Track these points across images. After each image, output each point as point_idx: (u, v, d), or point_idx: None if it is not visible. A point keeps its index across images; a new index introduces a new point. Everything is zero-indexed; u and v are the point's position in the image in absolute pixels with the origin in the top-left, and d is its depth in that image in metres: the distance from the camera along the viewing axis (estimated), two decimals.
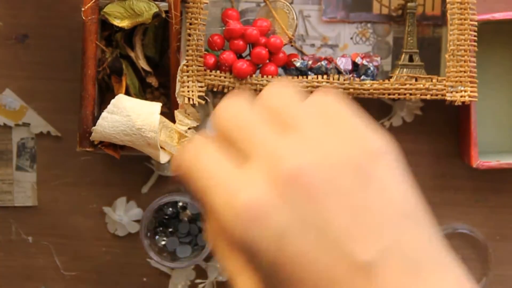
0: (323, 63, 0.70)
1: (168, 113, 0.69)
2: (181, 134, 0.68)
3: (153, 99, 0.71)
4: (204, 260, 0.76)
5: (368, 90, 0.69)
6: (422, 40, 0.72)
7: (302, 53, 0.72)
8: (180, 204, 0.72)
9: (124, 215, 0.76)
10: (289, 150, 0.32)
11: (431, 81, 0.69)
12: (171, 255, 0.73)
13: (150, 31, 0.71)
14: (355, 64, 0.70)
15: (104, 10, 0.66)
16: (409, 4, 0.71)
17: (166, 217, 0.73)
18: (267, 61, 0.70)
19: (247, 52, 0.70)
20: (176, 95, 0.68)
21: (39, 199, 0.76)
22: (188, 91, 0.68)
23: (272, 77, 0.69)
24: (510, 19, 0.70)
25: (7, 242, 0.77)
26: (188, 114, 0.68)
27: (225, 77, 0.69)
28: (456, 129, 0.76)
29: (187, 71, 0.68)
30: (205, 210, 0.35)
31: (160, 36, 0.71)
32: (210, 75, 0.69)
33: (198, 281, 0.77)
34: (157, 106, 0.66)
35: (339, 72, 0.70)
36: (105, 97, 0.71)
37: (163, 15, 0.67)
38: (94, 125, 0.65)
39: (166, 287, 0.78)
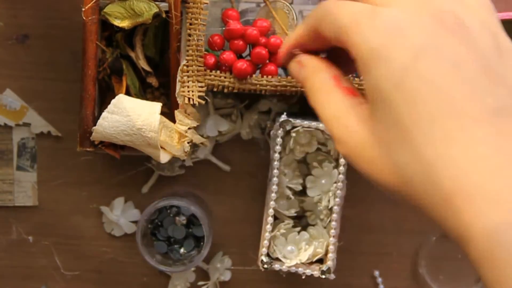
0: None
1: (168, 113, 0.69)
2: (181, 134, 0.68)
3: (153, 99, 0.71)
4: (205, 261, 0.77)
5: None
6: None
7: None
8: (177, 208, 0.72)
9: (121, 215, 0.76)
10: None
11: None
12: (167, 259, 0.73)
13: (150, 31, 0.71)
14: None
15: (105, 10, 0.67)
16: None
17: (162, 221, 0.73)
18: (267, 61, 0.70)
19: (247, 52, 0.71)
20: (176, 95, 0.68)
21: (40, 199, 0.76)
22: (188, 91, 0.68)
23: (272, 77, 0.69)
24: (509, 19, 0.71)
25: (7, 241, 0.77)
26: (188, 114, 0.69)
27: (225, 77, 0.69)
28: None
29: (187, 71, 0.68)
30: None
31: (160, 36, 0.71)
32: (210, 75, 0.69)
33: (201, 283, 0.77)
34: (157, 106, 0.66)
35: None
36: (105, 97, 0.71)
37: (163, 15, 0.67)
38: (95, 125, 0.66)
39: (166, 287, 0.78)
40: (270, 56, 0.70)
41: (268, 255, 0.58)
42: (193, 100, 0.68)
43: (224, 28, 0.70)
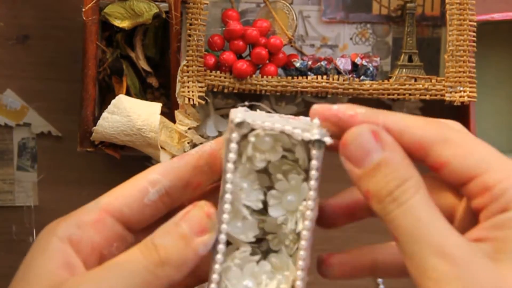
0: (323, 63, 0.70)
1: (169, 113, 0.69)
2: (181, 134, 0.68)
3: (154, 99, 0.71)
4: None
5: (368, 90, 0.69)
6: (422, 40, 0.73)
7: (302, 54, 0.73)
8: None
9: None
10: None
11: (430, 81, 0.70)
12: None
13: (150, 32, 0.71)
14: (354, 65, 0.70)
15: (105, 10, 0.67)
16: (408, 4, 0.71)
17: None
18: (267, 61, 0.70)
19: (247, 52, 0.71)
20: (176, 96, 0.68)
21: (40, 199, 0.77)
22: (188, 92, 0.68)
23: (272, 77, 0.69)
24: (509, 19, 0.71)
25: (8, 241, 0.77)
26: (188, 115, 0.69)
27: (225, 78, 0.69)
28: None
29: (187, 72, 0.69)
30: None
31: (161, 36, 0.71)
32: (210, 76, 0.69)
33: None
34: (157, 107, 0.66)
35: (338, 72, 0.70)
36: (105, 97, 0.71)
37: (164, 15, 0.67)
38: (95, 125, 0.66)
39: None
40: (270, 56, 0.70)
41: None
42: (193, 100, 0.68)
43: (224, 29, 0.70)
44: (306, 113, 0.75)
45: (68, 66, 0.75)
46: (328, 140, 0.38)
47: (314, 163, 0.39)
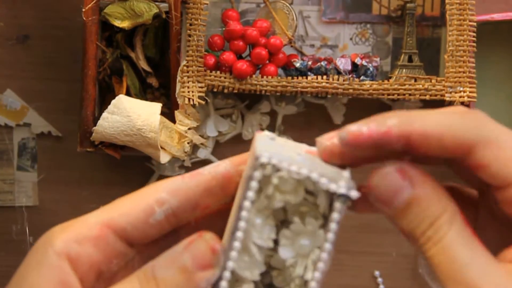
0: (323, 63, 0.70)
1: (169, 113, 0.69)
2: (181, 135, 0.68)
3: (154, 99, 0.71)
4: None
5: (368, 90, 0.69)
6: (421, 40, 0.73)
7: (302, 54, 0.73)
8: None
9: None
10: None
11: (430, 81, 0.70)
12: None
13: (150, 32, 0.71)
14: (354, 65, 0.70)
15: (105, 11, 0.67)
16: (408, 4, 0.71)
17: None
18: (267, 61, 0.70)
19: (247, 52, 0.71)
20: (176, 96, 0.68)
21: (40, 199, 0.77)
22: (188, 92, 0.68)
23: (272, 77, 0.69)
24: (509, 19, 0.71)
25: (8, 242, 0.77)
26: (188, 115, 0.69)
27: (225, 78, 0.69)
28: None
29: (187, 72, 0.69)
30: None
31: (161, 36, 0.71)
32: (210, 76, 0.69)
33: None
34: (157, 107, 0.66)
35: (338, 72, 0.70)
36: (105, 97, 0.71)
37: (164, 16, 0.67)
38: (95, 125, 0.66)
39: None
40: (270, 56, 0.70)
41: None
42: (193, 100, 0.68)
43: (224, 29, 0.70)
44: (306, 113, 0.76)
45: (68, 66, 0.75)
46: (354, 195, 0.36)
47: (335, 216, 0.37)
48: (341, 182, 0.36)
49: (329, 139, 0.37)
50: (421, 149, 0.34)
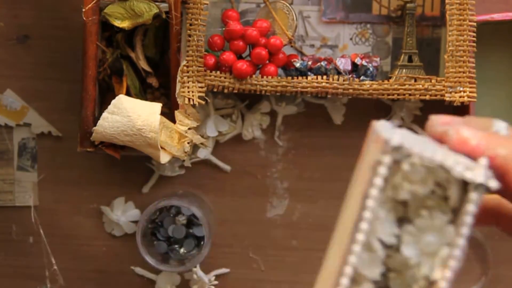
0: (323, 63, 0.70)
1: (169, 113, 0.69)
2: (181, 135, 0.68)
3: (154, 99, 0.71)
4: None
5: (368, 90, 0.69)
6: (421, 40, 0.73)
7: (302, 54, 0.73)
8: (177, 208, 0.72)
9: (122, 215, 0.76)
10: None
11: (430, 81, 0.70)
12: (167, 258, 0.73)
13: (150, 32, 0.71)
14: (354, 65, 0.70)
15: (105, 11, 0.67)
16: (408, 4, 0.71)
17: (162, 221, 0.73)
18: (267, 61, 0.70)
19: (247, 52, 0.71)
20: (176, 96, 0.68)
21: (40, 199, 0.77)
22: (188, 92, 0.68)
23: (272, 77, 0.69)
24: (509, 19, 0.71)
25: (7, 241, 0.77)
26: (188, 115, 0.69)
27: (225, 78, 0.69)
28: None
29: (187, 72, 0.69)
30: None
31: (161, 36, 0.71)
32: (210, 76, 0.69)
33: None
34: (157, 107, 0.66)
35: (338, 72, 0.70)
36: (105, 97, 0.71)
37: (164, 16, 0.67)
38: (95, 125, 0.66)
39: None
40: (270, 56, 0.70)
41: None
42: (193, 100, 0.68)
43: (224, 29, 0.70)
44: (306, 113, 0.76)
45: (68, 66, 0.75)
46: (494, 185, 0.33)
47: (471, 208, 0.34)
48: (478, 170, 0.33)
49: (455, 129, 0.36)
50: None
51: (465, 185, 0.34)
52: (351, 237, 0.35)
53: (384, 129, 0.35)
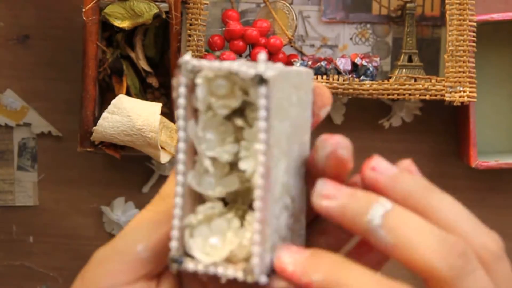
0: (323, 63, 0.70)
1: (169, 113, 0.69)
2: None
3: (154, 99, 0.72)
4: None
5: (368, 90, 0.69)
6: (421, 40, 0.73)
7: (302, 54, 0.73)
8: None
9: (122, 215, 0.76)
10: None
11: (430, 81, 0.70)
12: None
13: (150, 32, 0.71)
14: (354, 65, 0.70)
15: (105, 10, 0.67)
16: (408, 4, 0.71)
17: None
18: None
19: (247, 52, 0.71)
20: None
21: (40, 199, 0.77)
22: None
23: None
24: (509, 19, 0.71)
25: (8, 241, 0.77)
26: None
27: None
28: (455, 129, 0.76)
29: None
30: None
31: (161, 36, 0.71)
32: None
33: None
34: (157, 107, 0.66)
35: (338, 72, 0.70)
36: (105, 97, 0.71)
37: (164, 15, 0.67)
38: (95, 125, 0.66)
39: None
40: (270, 56, 0.70)
41: (184, 252, 0.36)
42: None
43: (224, 29, 0.70)
44: None
45: (68, 66, 0.75)
46: (270, 74, 0.33)
47: (261, 101, 0.34)
48: (259, 66, 0.34)
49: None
50: None
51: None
52: (175, 159, 0.36)
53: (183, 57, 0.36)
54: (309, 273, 0.33)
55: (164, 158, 0.67)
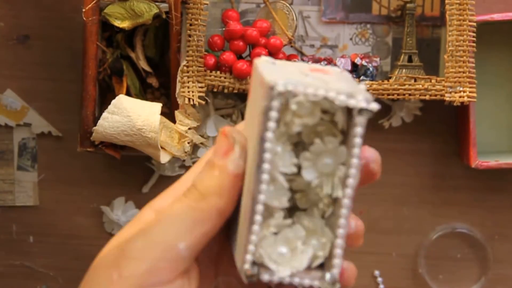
0: (323, 63, 0.70)
1: (169, 113, 0.69)
2: (181, 135, 0.68)
3: (154, 99, 0.72)
4: None
5: (367, 90, 0.69)
6: (421, 40, 0.73)
7: (302, 54, 0.73)
8: None
9: (122, 215, 0.76)
10: None
11: (430, 81, 0.70)
12: None
13: (150, 32, 0.71)
14: (354, 65, 0.70)
15: (105, 11, 0.67)
16: (408, 5, 0.71)
17: None
18: None
19: (247, 52, 0.71)
20: (176, 96, 0.68)
21: (40, 199, 0.77)
22: (189, 92, 0.68)
23: None
24: (509, 19, 0.71)
25: (8, 241, 0.77)
26: (189, 115, 0.69)
27: (225, 78, 0.69)
28: (455, 129, 0.77)
29: (187, 72, 0.69)
30: None
31: (161, 36, 0.71)
32: (210, 76, 0.69)
33: None
34: (157, 107, 0.66)
35: None
36: (105, 97, 0.71)
37: (164, 16, 0.67)
38: (95, 125, 0.66)
39: None
40: (270, 56, 0.70)
41: (254, 262, 0.39)
42: (193, 100, 0.68)
43: (224, 29, 0.70)
44: None
45: (68, 66, 0.75)
46: (374, 107, 0.36)
47: (358, 130, 0.37)
48: (359, 96, 0.36)
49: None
50: None
51: (350, 111, 0.37)
52: (256, 178, 0.37)
53: (265, 69, 0.38)
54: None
55: (164, 158, 0.67)
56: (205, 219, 0.37)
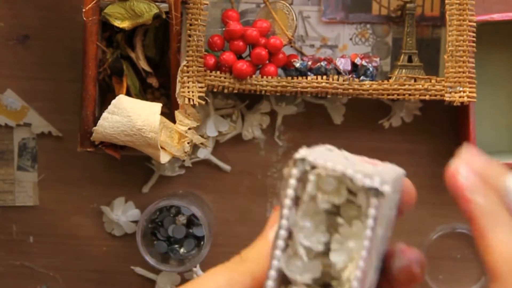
0: (323, 63, 0.70)
1: (169, 113, 0.69)
2: (181, 135, 0.68)
3: (154, 99, 0.72)
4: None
5: (367, 90, 0.69)
6: (421, 41, 0.73)
7: (302, 54, 0.73)
8: (177, 208, 0.72)
9: (122, 215, 0.76)
10: None
11: (430, 81, 0.70)
12: (167, 258, 0.73)
13: (150, 32, 0.71)
14: (354, 65, 0.70)
15: (105, 11, 0.67)
16: (408, 5, 0.71)
17: (162, 221, 0.73)
18: (267, 61, 0.70)
19: (247, 52, 0.71)
20: (176, 96, 0.68)
21: (40, 199, 0.77)
22: (188, 92, 0.68)
23: (272, 77, 0.69)
24: (509, 20, 0.71)
25: (8, 241, 0.77)
26: (188, 115, 0.69)
27: (225, 78, 0.69)
28: (455, 129, 0.77)
29: (187, 72, 0.69)
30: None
31: (161, 37, 0.71)
32: (210, 76, 0.69)
33: None
34: (157, 107, 0.66)
35: (338, 72, 0.70)
36: (106, 97, 0.71)
37: (164, 16, 0.67)
38: (95, 125, 0.66)
39: None
40: (270, 56, 0.70)
41: None
42: (193, 100, 0.68)
43: (224, 29, 0.70)
44: (306, 113, 0.76)
45: (68, 66, 0.75)
46: (387, 190, 0.35)
47: (371, 211, 0.36)
48: (376, 178, 0.36)
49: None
50: None
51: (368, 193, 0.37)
52: (273, 243, 0.38)
53: (314, 150, 0.39)
54: (474, 192, 0.36)
55: (164, 158, 0.67)
56: (238, 281, 0.39)
